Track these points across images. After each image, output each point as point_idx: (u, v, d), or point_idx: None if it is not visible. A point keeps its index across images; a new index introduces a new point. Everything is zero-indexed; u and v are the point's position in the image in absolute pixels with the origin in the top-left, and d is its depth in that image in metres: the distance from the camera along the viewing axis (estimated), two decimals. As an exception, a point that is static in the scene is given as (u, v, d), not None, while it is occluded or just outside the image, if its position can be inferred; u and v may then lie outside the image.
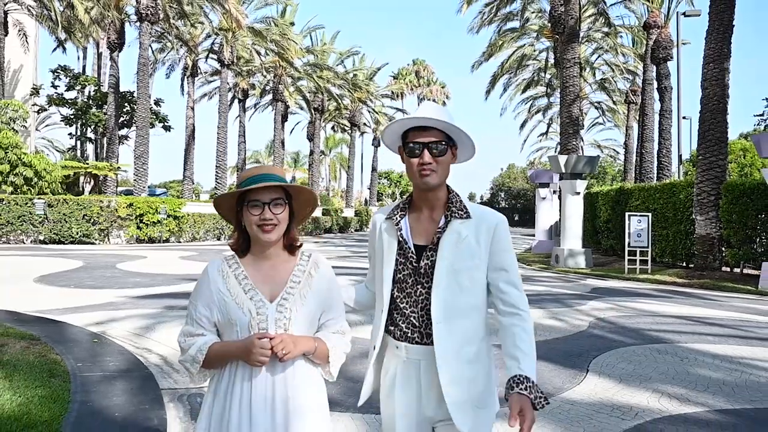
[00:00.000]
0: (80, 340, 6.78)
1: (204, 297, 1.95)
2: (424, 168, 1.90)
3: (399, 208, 2.03)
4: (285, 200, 1.94)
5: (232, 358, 1.88)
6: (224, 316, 1.91)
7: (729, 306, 10.52)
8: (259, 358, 1.79)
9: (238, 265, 1.97)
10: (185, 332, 1.96)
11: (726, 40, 14.66)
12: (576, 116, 21.75)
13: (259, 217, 1.88)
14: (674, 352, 6.64)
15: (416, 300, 1.93)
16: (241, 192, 1.91)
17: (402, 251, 1.97)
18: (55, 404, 4.39)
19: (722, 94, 14.59)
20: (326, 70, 43.54)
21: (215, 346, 1.89)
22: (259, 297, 1.92)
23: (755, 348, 6.97)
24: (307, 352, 1.91)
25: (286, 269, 1.98)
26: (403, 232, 1.97)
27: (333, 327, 2.01)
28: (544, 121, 49.73)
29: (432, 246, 1.93)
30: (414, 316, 1.93)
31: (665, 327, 8.22)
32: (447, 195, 1.99)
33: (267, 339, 1.80)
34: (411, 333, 1.93)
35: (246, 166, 45.27)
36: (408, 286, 1.95)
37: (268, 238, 1.90)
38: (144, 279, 12.63)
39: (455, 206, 1.95)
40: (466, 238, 1.91)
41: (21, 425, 3.88)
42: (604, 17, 28.45)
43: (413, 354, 1.92)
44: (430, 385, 1.90)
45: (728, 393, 5.14)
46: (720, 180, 14.62)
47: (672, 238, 16.83)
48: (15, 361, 5.46)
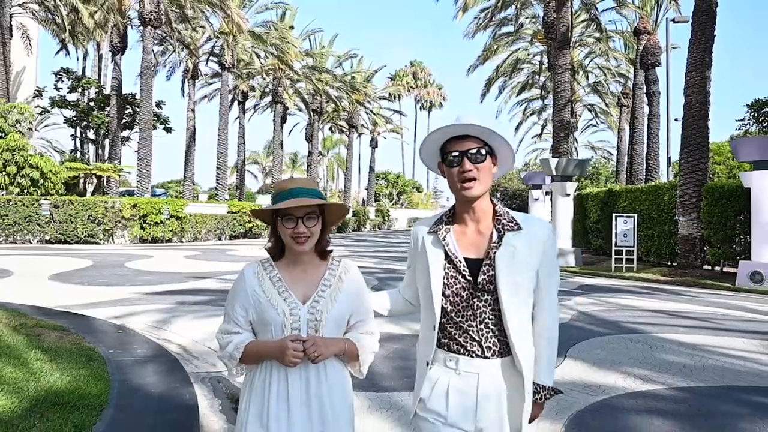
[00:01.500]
0: (106, 331, 7.43)
1: (240, 297, 2.06)
2: (465, 176, 1.89)
3: (442, 221, 2.02)
4: (318, 214, 2.04)
5: (267, 357, 1.98)
6: (259, 316, 2.03)
7: (704, 301, 11.24)
8: (291, 360, 1.90)
9: (273, 268, 2.09)
10: (223, 330, 2.08)
11: (707, 50, 15.40)
12: (567, 120, 22.49)
13: (293, 230, 1.98)
14: (645, 341, 7.35)
15: (474, 314, 1.92)
16: (274, 209, 2.01)
17: (452, 265, 1.95)
18: (98, 382, 5.06)
19: (703, 100, 15.34)
20: (325, 72, 44.32)
21: (251, 345, 2.00)
22: (292, 299, 2.02)
23: (718, 337, 7.68)
24: (337, 354, 2.02)
25: (318, 273, 2.09)
26: (451, 246, 1.96)
27: (362, 328, 2.11)
28: (539, 123, 50.52)
29: (489, 261, 1.91)
30: (472, 330, 1.92)
31: (641, 320, 8.94)
32: (493, 207, 2.00)
33: (300, 341, 1.91)
34: (470, 346, 1.92)
35: (245, 166, 45.92)
36: (462, 300, 1.93)
37: (302, 249, 2.01)
38: (153, 277, 13.22)
39: (505, 218, 1.96)
40: (520, 252, 1.91)
41: (75, 397, 4.55)
42: (596, 23, 29.24)
43: (471, 368, 1.92)
44: (489, 397, 1.91)
45: (686, 374, 5.84)
46: (701, 182, 15.37)
47: (657, 238, 17.59)
48: (54, 347, 6.12)
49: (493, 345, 1.91)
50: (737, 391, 5.34)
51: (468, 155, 1.89)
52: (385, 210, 59.90)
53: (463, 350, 1.93)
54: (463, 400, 1.91)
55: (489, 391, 1.91)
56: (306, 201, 1.96)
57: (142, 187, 27.51)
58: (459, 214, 2.00)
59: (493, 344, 1.91)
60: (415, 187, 74.86)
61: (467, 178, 1.89)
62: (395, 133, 65.39)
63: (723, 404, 4.94)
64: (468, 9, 26.55)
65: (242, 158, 43.98)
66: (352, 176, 57.99)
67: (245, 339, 2.02)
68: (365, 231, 51.21)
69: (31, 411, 4.19)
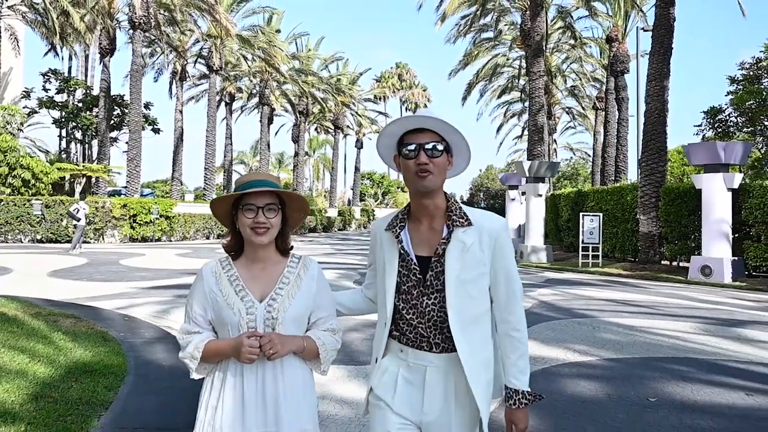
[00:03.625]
0: (114, 319, 8.29)
1: (198, 297, 2.06)
2: (420, 169, 1.87)
3: (398, 219, 2.01)
4: (278, 206, 2.05)
5: (225, 355, 1.97)
6: (217, 315, 2.02)
7: (656, 292, 12.36)
8: (247, 356, 1.88)
9: (231, 267, 2.08)
10: (183, 330, 2.07)
11: (666, 61, 16.57)
12: (541, 125, 23.62)
13: (253, 221, 1.98)
14: (590, 324, 8.40)
15: (423, 311, 1.91)
16: (237, 196, 2.02)
17: (404, 263, 1.95)
18: (117, 356, 5.97)
19: (662, 108, 16.52)
20: (311, 75, 45.26)
21: (211, 344, 1.99)
22: (249, 297, 2.01)
23: (654, 320, 8.76)
24: (295, 351, 2.00)
25: (276, 270, 2.08)
26: (404, 244, 1.95)
27: (323, 325, 2.10)
28: (519, 125, 51.69)
29: (437, 258, 1.91)
30: (422, 327, 1.92)
31: (593, 307, 10.01)
32: (446, 203, 1.96)
33: (255, 338, 1.90)
34: (419, 341, 1.93)
35: (232, 166, 46.63)
36: (413, 297, 1.93)
37: (261, 240, 2.00)
38: (148, 273, 13.98)
39: (456, 214, 1.93)
40: (471, 247, 1.89)
41: (101, 367, 5.46)
42: (571, 30, 30.43)
43: (420, 360, 1.92)
44: (435, 391, 1.90)
45: (618, 348, 6.88)
46: (660, 184, 16.56)
47: (620, 236, 18.81)
48: (72, 331, 6.99)
49: (441, 341, 1.90)
50: (656, 360, 6.38)
51: (425, 148, 1.87)
52: (371, 210, 60.96)
53: (412, 343, 1.94)
54: (410, 391, 1.93)
55: (436, 386, 1.90)
56: (264, 188, 1.99)
57: (131, 188, 28.20)
58: (414, 211, 1.99)
59: (441, 341, 1.90)
60: (400, 187, 75.84)
61: (422, 170, 1.87)
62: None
63: (642, 371, 5.97)
64: (447, 18, 27.62)
65: (229, 159, 44.73)
66: (337, 176, 59.07)
67: (205, 338, 2.01)
68: (350, 230, 52.21)
69: (67, 377, 5.10)
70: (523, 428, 1.91)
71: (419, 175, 1.87)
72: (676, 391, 5.21)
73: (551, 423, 4.34)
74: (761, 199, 13.99)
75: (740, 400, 4.99)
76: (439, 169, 1.89)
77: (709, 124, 19.24)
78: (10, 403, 4.31)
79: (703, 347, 7.00)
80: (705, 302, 10.91)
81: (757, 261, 14.32)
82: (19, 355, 5.56)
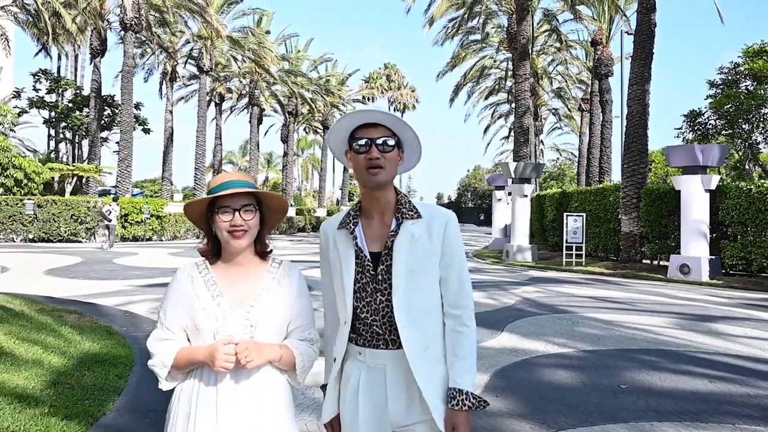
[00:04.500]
0: (115, 314, 8.62)
1: (173, 302, 1.96)
2: (371, 163, 1.86)
3: (350, 216, 1.99)
4: (256, 207, 1.97)
5: (198, 363, 1.89)
6: (191, 321, 1.92)
7: (635, 290, 12.87)
8: (223, 364, 1.80)
9: (208, 271, 1.99)
10: (155, 337, 1.96)
11: (647, 66, 17.11)
12: (527, 127, 24.14)
13: (230, 224, 1.91)
14: (570, 319, 8.85)
15: (377, 308, 1.89)
16: (211, 198, 1.93)
17: (359, 260, 1.92)
18: (123, 348, 6.33)
19: (643, 111, 17.06)
20: (300, 76, 45.59)
21: (183, 351, 1.90)
22: (226, 303, 1.93)
23: (631, 316, 9.24)
24: (272, 360, 1.92)
25: (256, 276, 2.00)
26: (359, 240, 1.93)
27: (301, 334, 2.02)
28: (507, 125, 52.30)
29: (386, 251, 1.89)
30: (376, 324, 1.89)
31: (574, 303, 10.48)
32: (396, 197, 1.96)
33: (231, 345, 1.82)
34: (375, 341, 1.90)
35: (222, 166, 46.83)
36: (367, 294, 1.90)
37: (239, 244, 1.93)
38: (143, 272, 14.30)
39: (405, 207, 1.93)
40: (419, 238, 1.89)
41: (110, 357, 5.82)
42: (557, 33, 31.01)
43: (379, 359, 1.89)
44: (398, 390, 1.87)
45: (595, 341, 7.33)
46: (641, 185, 17.11)
47: (603, 235, 19.38)
48: (77, 325, 7.32)
49: (396, 337, 1.87)
50: (629, 352, 6.84)
51: (376, 143, 1.87)
52: (359, 209, 61.17)
53: (369, 344, 1.91)
54: (373, 395, 1.89)
55: (397, 384, 1.87)
56: (240, 189, 1.91)
57: (122, 188, 28.39)
58: (365, 208, 1.98)
59: (396, 336, 1.87)
60: (388, 187, 76.39)
61: (373, 165, 1.86)
62: (369, 134, 66.73)
63: (615, 361, 6.42)
64: (435, 21, 28.12)
65: (219, 158, 44.93)
66: (326, 176, 59.36)
67: (178, 346, 1.92)
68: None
69: (80, 366, 5.46)
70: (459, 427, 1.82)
71: (370, 170, 1.87)
72: (645, 379, 5.66)
73: (531, 407, 4.74)
74: (737, 200, 14.55)
75: (703, 387, 5.45)
76: (391, 164, 1.89)
77: (690, 126, 19.85)
78: (31, 389, 4.67)
79: (675, 340, 7.48)
80: (681, 299, 11.42)
81: (733, 260, 14.89)
82: (32, 346, 5.91)
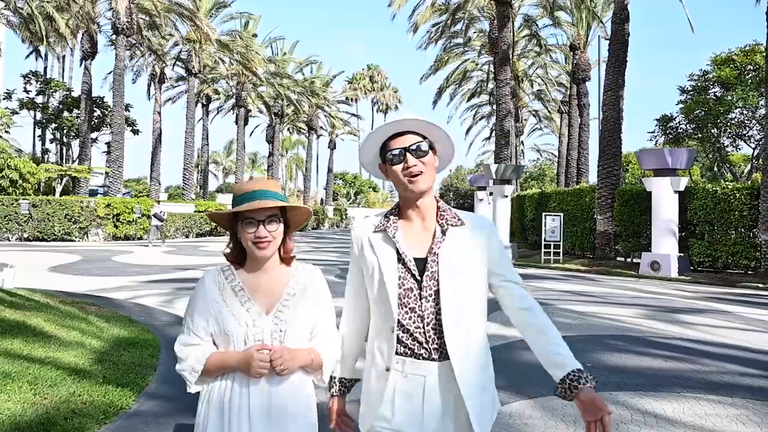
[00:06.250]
0: (129, 306, 9.21)
1: (200, 307, 1.96)
2: (410, 172, 1.83)
3: (388, 219, 1.93)
4: (280, 218, 1.95)
5: (230, 369, 1.89)
6: (220, 327, 1.92)
7: (608, 285, 13.83)
8: (258, 371, 1.82)
9: (234, 276, 1.99)
10: (182, 341, 1.97)
11: (621, 73, 18.14)
12: (507, 129, 25.09)
13: (255, 235, 1.89)
14: (547, 310, 9.58)
15: (421, 315, 1.83)
16: (235, 212, 1.91)
17: (402, 264, 1.86)
18: (148, 333, 7.04)
19: (617, 116, 18.09)
20: (286, 78, 46.33)
21: (214, 357, 1.90)
22: (255, 309, 1.93)
23: (603, 307, 10.15)
24: (304, 366, 1.95)
25: (281, 281, 2.00)
26: (401, 244, 1.87)
27: (324, 334, 2.02)
28: (488, 126, 53.35)
29: (433, 257, 1.85)
30: (419, 332, 1.83)
31: (551, 297, 11.37)
32: (436, 203, 1.93)
33: (266, 351, 1.84)
34: (417, 349, 1.84)
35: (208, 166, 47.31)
36: (411, 301, 1.84)
37: (264, 254, 1.93)
38: (142, 269, 14.83)
39: (448, 214, 1.91)
40: (465, 247, 1.87)
41: (140, 341, 6.54)
42: (537, 38, 32.08)
43: (418, 370, 1.84)
44: (436, 400, 1.83)
45: (568, 329, 8.19)
46: (615, 186, 18.15)
47: (580, 234, 20.44)
48: (101, 315, 8.00)
49: (440, 347, 1.82)
50: (598, 337, 7.71)
51: (410, 150, 1.84)
52: (343, 209, 62.05)
53: (409, 352, 1.84)
54: (409, 404, 1.83)
55: (436, 395, 1.82)
56: (267, 203, 1.89)
57: (114, 188, 28.87)
58: (404, 212, 1.93)
59: (441, 346, 1.82)
60: (372, 187, 77.22)
61: (413, 173, 1.83)
62: (353, 135, 67.56)
63: (584, 344, 7.27)
64: (419, 27, 28.99)
65: (206, 159, 45.42)
66: (311, 176, 60.07)
67: (207, 351, 1.93)
68: (324, 229, 53.21)
69: (116, 347, 6.19)
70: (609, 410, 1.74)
71: (410, 178, 1.84)
72: (609, 359, 6.52)
73: (512, 382, 5.53)
74: (704, 200, 15.63)
75: (659, 364, 6.32)
76: (429, 168, 1.87)
77: (662, 130, 20.94)
78: (83, 364, 5.41)
79: (639, 327, 8.38)
80: (650, 293, 12.38)
81: (700, 257, 15.96)
82: (71, 331, 6.62)
